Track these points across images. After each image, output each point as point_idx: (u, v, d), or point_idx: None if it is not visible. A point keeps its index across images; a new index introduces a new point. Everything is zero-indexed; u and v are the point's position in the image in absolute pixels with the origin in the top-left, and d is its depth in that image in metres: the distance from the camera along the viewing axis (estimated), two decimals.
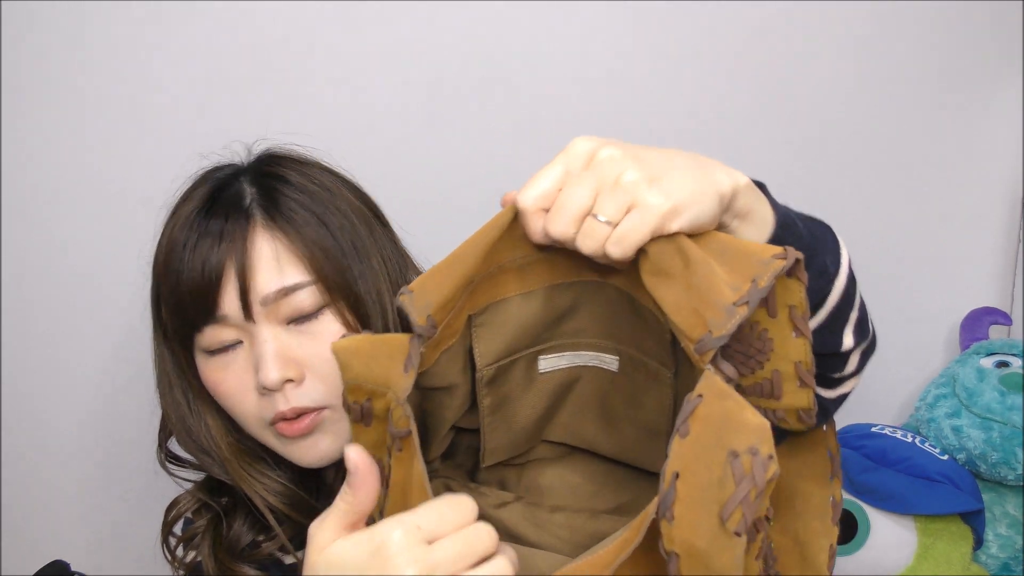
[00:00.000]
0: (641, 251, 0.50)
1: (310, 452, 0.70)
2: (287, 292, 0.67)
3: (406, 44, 1.21)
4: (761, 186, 0.59)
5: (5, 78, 1.17)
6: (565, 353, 0.61)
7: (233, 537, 0.74)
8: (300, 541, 0.71)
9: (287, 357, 0.67)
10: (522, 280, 0.57)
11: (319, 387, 0.69)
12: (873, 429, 1.23)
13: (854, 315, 0.61)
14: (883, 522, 1.14)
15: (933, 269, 1.37)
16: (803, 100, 1.28)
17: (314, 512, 0.71)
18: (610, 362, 0.61)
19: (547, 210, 0.50)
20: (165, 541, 0.78)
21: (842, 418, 1.29)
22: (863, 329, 0.62)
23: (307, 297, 0.68)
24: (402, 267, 0.77)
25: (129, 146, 1.20)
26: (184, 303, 0.66)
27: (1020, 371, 1.22)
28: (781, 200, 1.31)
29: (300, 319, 0.68)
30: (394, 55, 1.21)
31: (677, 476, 0.44)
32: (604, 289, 0.58)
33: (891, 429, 1.23)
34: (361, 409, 0.53)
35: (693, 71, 1.26)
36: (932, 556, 1.13)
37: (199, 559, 0.75)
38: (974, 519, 1.16)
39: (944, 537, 1.14)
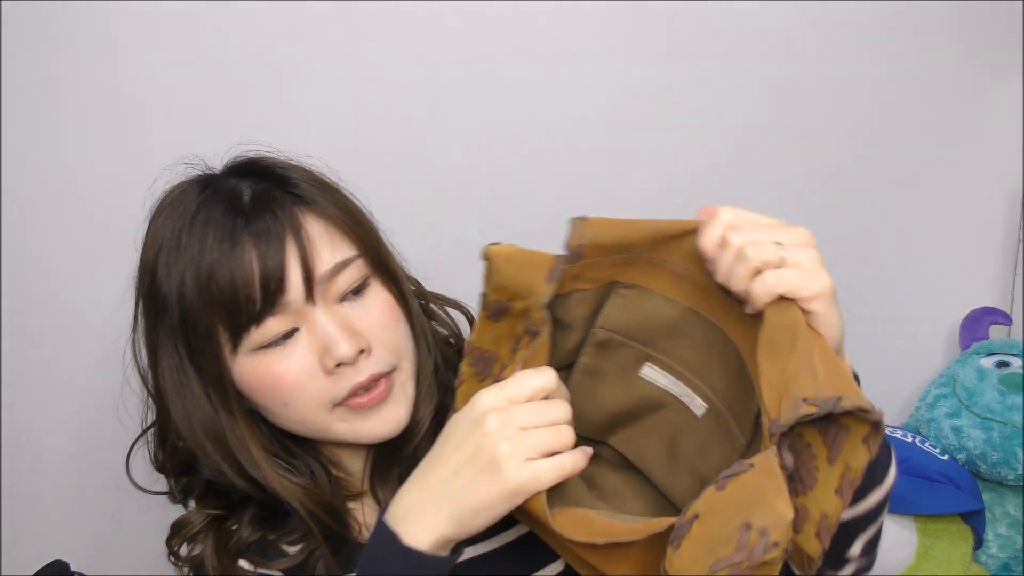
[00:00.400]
0: (764, 318, 0.55)
1: (388, 421, 0.71)
2: (340, 268, 0.69)
3: (405, 44, 1.21)
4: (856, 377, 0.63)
5: (5, 78, 1.17)
6: (669, 375, 0.65)
7: (242, 537, 0.74)
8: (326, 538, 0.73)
9: (352, 330, 0.68)
10: (673, 286, 0.62)
11: (386, 353, 0.70)
12: None
13: (871, 531, 0.65)
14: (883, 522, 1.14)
15: (933, 269, 1.37)
16: (803, 100, 1.28)
17: (335, 512, 0.72)
18: (699, 406, 0.64)
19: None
20: (172, 553, 0.78)
21: None
22: (871, 548, 0.66)
23: (356, 271, 0.70)
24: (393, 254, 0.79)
25: (129, 146, 1.20)
26: (241, 303, 0.66)
27: (1020, 371, 1.22)
28: (777, 202, 1.31)
29: (350, 295, 0.70)
30: (393, 55, 1.21)
31: (697, 517, 0.49)
32: (727, 344, 0.61)
33: (891, 429, 1.23)
34: (499, 306, 0.62)
35: (693, 72, 1.25)
36: (932, 556, 1.13)
37: (202, 557, 0.75)
38: (974, 519, 1.17)
39: (944, 537, 1.14)
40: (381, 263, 0.72)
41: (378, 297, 0.71)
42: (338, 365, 0.68)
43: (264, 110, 1.21)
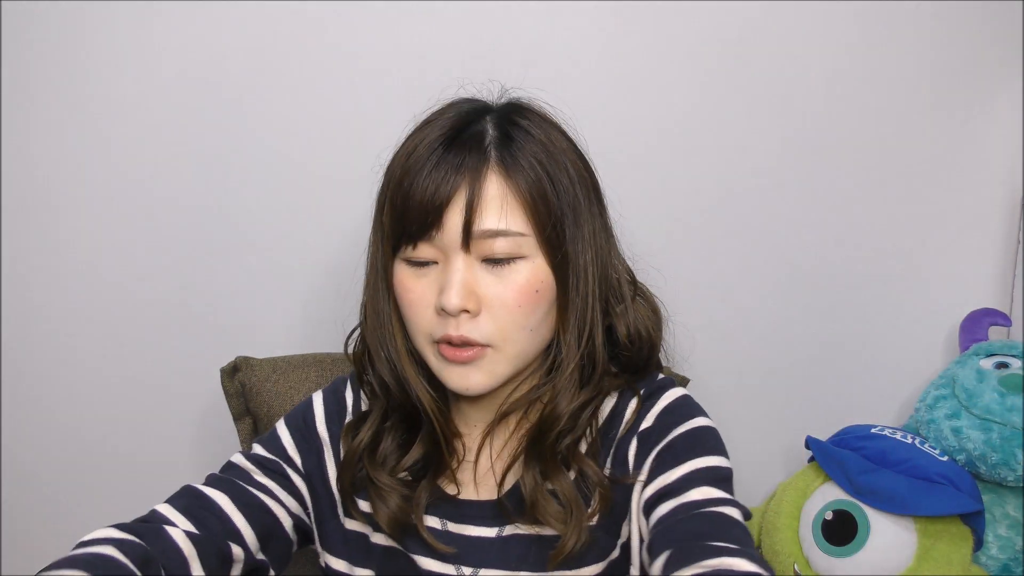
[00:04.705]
0: None
1: (462, 381, 0.76)
2: (497, 235, 0.73)
3: (405, 45, 1.21)
4: None
5: (5, 78, 1.17)
6: None
7: (384, 451, 0.81)
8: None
9: (470, 289, 0.73)
10: None
11: (490, 325, 0.74)
12: (873, 430, 1.23)
13: None
14: (883, 523, 1.14)
15: (933, 270, 1.36)
16: (803, 101, 1.28)
17: (448, 428, 0.80)
18: None
19: None
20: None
21: (843, 419, 1.29)
22: None
23: (512, 245, 0.74)
24: (609, 247, 0.81)
25: (128, 145, 1.20)
26: (408, 218, 0.73)
27: (1020, 372, 1.22)
28: (777, 202, 1.30)
29: (494, 262, 0.74)
30: (394, 56, 1.21)
31: None
32: None
33: (891, 430, 1.23)
34: None
35: (693, 72, 1.26)
36: (932, 557, 1.13)
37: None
38: (974, 520, 1.16)
39: (944, 538, 1.14)
40: (552, 249, 0.75)
41: (517, 277, 0.74)
42: (442, 310, 0.73)
43: (266, 110, 1.21)
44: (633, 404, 0.80)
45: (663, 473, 0.74)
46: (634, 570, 0.78)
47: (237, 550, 0.78)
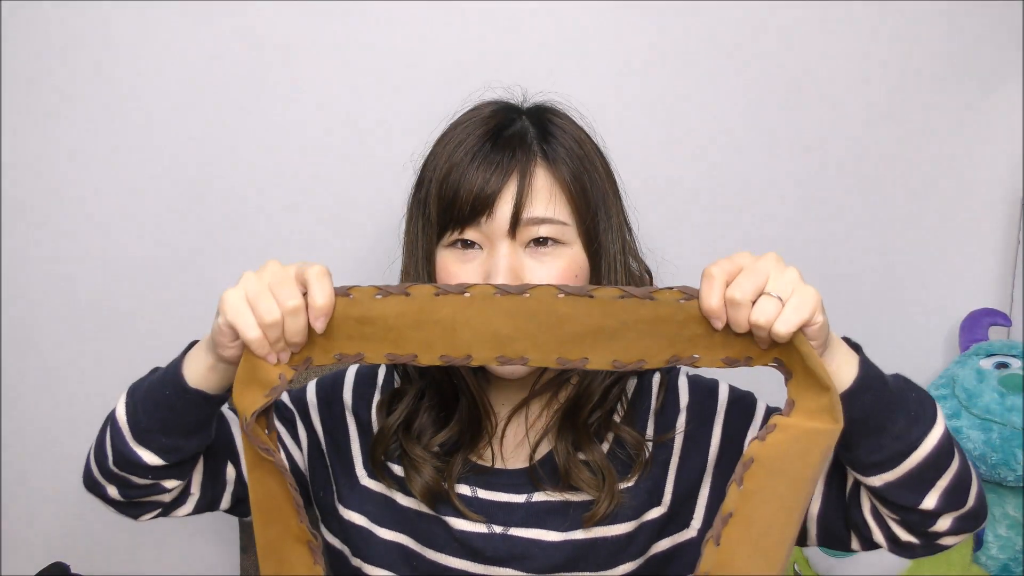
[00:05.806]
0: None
1: (506, 365, 0.78)
2: (543, 222, 0.78)
3: (409, 47, 1.21)
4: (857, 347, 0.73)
5: (5, 78, 1.16)
6: None
7: (419, 426, 0.85)
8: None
9: (516, 273, 0.77)
10: None
11: None
12: None
13: (944, 482, 0.71)
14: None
15: (933, 270, 1.37)
16: (804, 101, 1.28)
17: (482, 408, 0.84)
18: None
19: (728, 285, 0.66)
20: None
21: None
22: (956, 498, 0.72)
23: (556, 231, 0.78)
24: (631, 240, 0.86)
25: (127, 146, 1.20)
26: (456, 206, 0.78)
27: (1019, 372, 1.22)
28: (779, 201, 1.30)
29: (538, 244, 0.78)
30: (397, 58, 1.21)
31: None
32: None
33: None
34: None
35: (696, 73, 1.25)
36: (932, 557, 1.13)
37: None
38: None
39: None
40: (589, 240, 0.80)
41: (559, 262, 0.78)
42: None
43: (264, 115, 1.21)
44: (657, 378, 0.87)
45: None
46: (696, 523, 0.83)
47: (231, 471, 0.86)
